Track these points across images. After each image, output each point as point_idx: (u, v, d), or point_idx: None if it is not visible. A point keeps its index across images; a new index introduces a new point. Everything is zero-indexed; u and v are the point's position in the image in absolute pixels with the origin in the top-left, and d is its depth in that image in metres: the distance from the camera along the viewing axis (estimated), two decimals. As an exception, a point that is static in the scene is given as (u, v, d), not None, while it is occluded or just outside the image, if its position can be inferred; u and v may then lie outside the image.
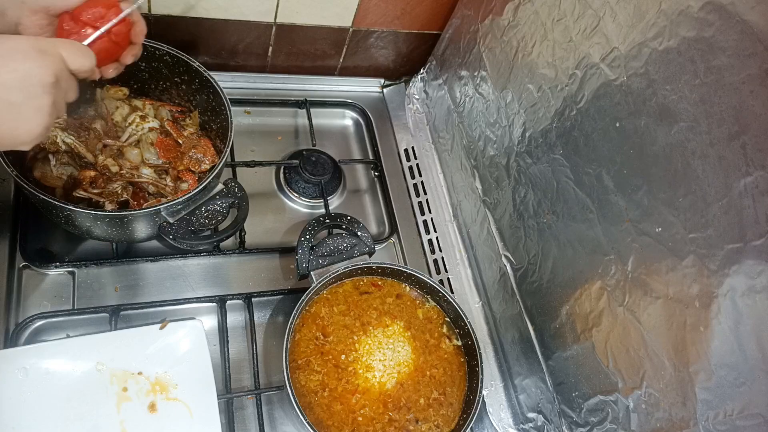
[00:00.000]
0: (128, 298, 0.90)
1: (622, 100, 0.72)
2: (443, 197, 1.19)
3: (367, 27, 1.17)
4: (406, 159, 1.22)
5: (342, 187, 1.14)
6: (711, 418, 0.62)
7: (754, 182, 0.56)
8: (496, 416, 0.98)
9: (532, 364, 0.94)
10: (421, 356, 0.92)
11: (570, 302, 0.84)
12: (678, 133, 0.64)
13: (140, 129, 0.90)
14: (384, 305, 0.95)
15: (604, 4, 0.74)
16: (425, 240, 1.13)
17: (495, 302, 1.04)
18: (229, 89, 0.97)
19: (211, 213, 0.87)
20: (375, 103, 1.27)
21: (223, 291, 0.95)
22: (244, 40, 1.13)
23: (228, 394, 0.86)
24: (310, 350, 0.88)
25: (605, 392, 0.78)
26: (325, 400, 0.85)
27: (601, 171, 0.76)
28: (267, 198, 1.09)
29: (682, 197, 0.64)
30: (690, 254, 0.64)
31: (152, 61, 0.91)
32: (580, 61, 0.79)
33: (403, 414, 0.87)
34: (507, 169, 0.98)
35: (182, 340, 0.84)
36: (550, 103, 0.86)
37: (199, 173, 0.92)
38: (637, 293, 0.72)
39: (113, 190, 0.85)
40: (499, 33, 0.98)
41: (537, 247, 0.91)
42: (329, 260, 0.94)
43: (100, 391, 0.79)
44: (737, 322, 0.59)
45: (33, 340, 0.83)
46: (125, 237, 0.88)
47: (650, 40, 0.67)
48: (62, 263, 0.89)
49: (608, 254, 0.76)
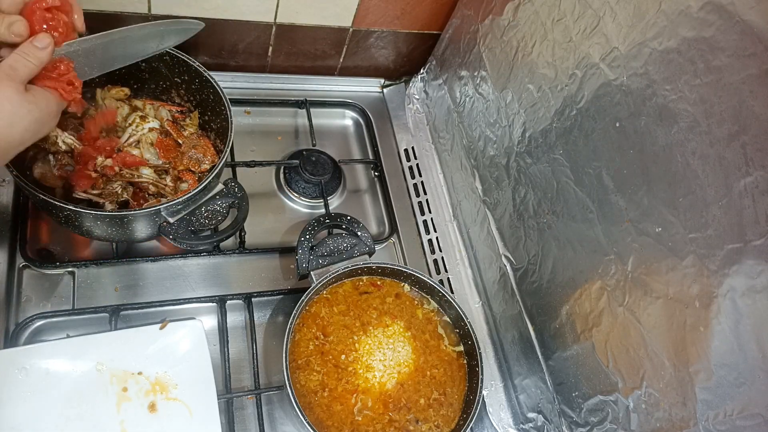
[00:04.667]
0: (128, 298, 0.90)
1: (622, 100, 0.72)
2: (443, 197, 1.19)
3: (367, 27, 1.17)
4: (406, 159, 1.22)
5: (342, 187, 1.15)
6: (711, 418, 0.62)
7: (754, 182, 0.56)
8: (496, 416, 0.98)
9: (532, 364, 0.94)
10: (422, 356, 0.92)
11: (570, 302, 0.84)
12: (678, 133, 0.64)
13: (140, 129, 0.90)
14: (384, 305, 0.95)
15: (604, 4, 0.74)
16: (425, 240, 1.13)
17: (495, 302, 1.04)
18: (229, 89, 0.97)
19: (211, 213, 0.87)
20: (375, 103, 1.27)
21: (223, 291, 0.95)
22: (244, 40, 1.13)
23: (228, 394, 0.86)
24: (310, 350, 0.88)
25: (605, 392, 0.78)
26: (325, 400, 0.85)
27: (601, 171, 0.76)
28: (267, 198, 1.09)
29: (682, 197, 0.64)
30: (690, 254, 0.64)
31: (152, 61, 0.91)
32: (580, 61, 0.79)
33: (404, 414, 0.87)
34: (507, 169, 0.98)
35: (182, 340, 0.84)
36: (550, 103, 0.86)
37: (199, 173, 0.92)
38: (637, 293, 0.72)
39: (113, 191, 0.85)
40: (499, 33, 0.98)
41: (537, 247, 0.91)
42: (329, 260, 0.94)
43: (100, 391, 0.79)
44: (737, 322, 0.59)
45: (33, 340, 0.83)
46: (125, 237, 0.88)
47: (650, 40, 0.67)
48: (62, 263, 0.89)
49: (608, 254, 0.76)
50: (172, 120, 0.96)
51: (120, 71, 0.90)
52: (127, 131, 0.90)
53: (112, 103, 0.91)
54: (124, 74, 0.92)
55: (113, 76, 0.88)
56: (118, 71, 0.81)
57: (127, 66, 0.79)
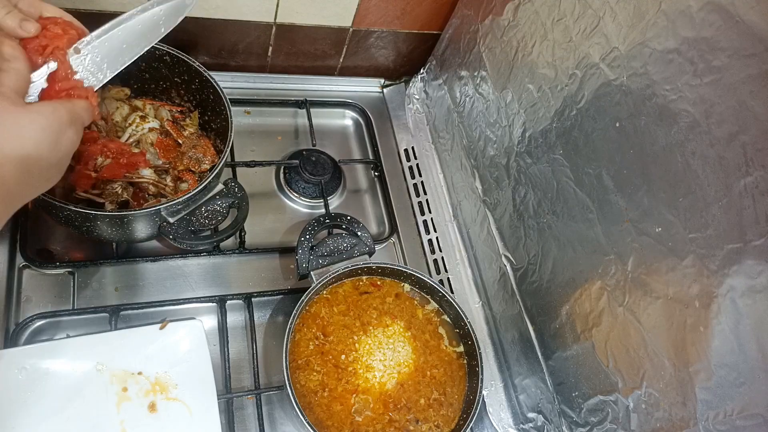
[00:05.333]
0: (128, 298, 0.90)
1: (622, 100, 0.72)
2: (443, 197, 1.19)
3: (367, 27, 1.17)
4: (406, 159, 1.22)
5: (342, 187, 1.15)
6: (711, 418, 0.62)
7: (754, 182, 0.56)
8: (496, 416, 0.98)
9: (532, 364, 0.94)
10: (422, 356, 0.92)
11: (570, 302, 0.84)
12: (678, 133, 0.64)
13: (140, 129, 0.90)
14: (384, 305, 0.95)
15: (604, 4, 0.74)
16: (425, 240, 1.13)
17: (495, 302, 1.04)
18: (229, 89, 0.97)
19: (211, 213, 0.87)
20: (375, 103, 1.27)
21: (223, 291, 0.95)
22: (244, 40, 1.13)
23: (228, 394, 0.86)
24: (310, 350, 0.88)
25: (605, 392, 0.78)
26: (325, 400, 0.85)
27: (601, 171, 0.76)
28: (267, 198, 1.09)
29: (682, 197, 0.64)
30: (690, 254, 0.64)
31: (152, 61, 0.91)
32: (580, 61, 0.79)
33: (404, 414, 0.87)
34: (507, 169, 0.98)
35: (182, 340, 0.84)
36: (550, 103, 0.86)
37: (199, 173, 0.92)
38: (637, 293, 0.72)
39: (113, 191, 0.85)
40: (499, 33, 0.98)
41: (537, 247, 0.91)
42: (329, 260, 0.94)
43: (100, 391, 0.79)
44: (737, 322, 0.59)
45: (33, 340, 0.83)
46: (125, 237, 0.88)
47: (650, 40, 0.67)
48: (62, 263, 0.89)
49: (608, 254, 0.76)
50: (172, 120, 0.96)
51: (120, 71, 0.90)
52: (127, 131, 0.90)
53: (112, 103, 0.91)
54: (124, 74, 0.92)
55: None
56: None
57: (133, 63, 0.78)
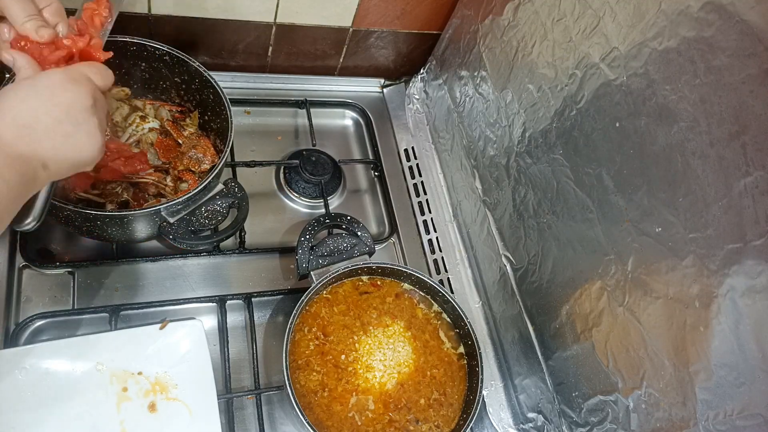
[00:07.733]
0: (128, 298, 0.90)
1: (622, 100, 0.72)
2: (443, 197, 1.19)
3: (367, 27, 1.17)
4: (406, 159, 1.22)
5: (342, 187, 1.14)
6: (711, 418, 0.62)
7: (754, 182, 0.56)
8: (496, 416, 0.98)
9: (532, 364, 0.94)
10: (422, 356, 0.92)
11: (570, 302, 0.84)
12: (678, 133, 0.64)
13: (140, 129, 0.90)
14: (384, 305, 0.95)
15: (604, 4, 0.74)
16: (425, 240, 1.13)
17: (495, 302, 1.04)
18: (229, 89, 0.97)
19: (211, 213, 0.87)
20: (375, 103, 1.27)
21: (223, 291, 0.95)
22: (244, 40, 1.13)
23: (228, 394, 0.86)
24: (310, 350, 0.88)
25: (605, 392, 0.78)
26: (325, 401, 0.85)
27: (601, 171, 0.76)
28: (267, 198, 1.09)
29: (682, 197, 0.64)
30: (690, 254, 0.64)
31: (152, 61, 0.91)
32: (580, 61, 0.79)
33: (404, 414, 0.87)
34: (507, 169, 0.98)
35: (182, 340, 0.84)
36: (550, 103, 0.86)
37: (199, 173, 0.92)
38: (637, 293, 0.72)
39: (113, 191, 0.85)
40: (499, 33, 0.98)
41: (537, 247, 0.91)
42: (329, 260, 0.94)
43: (100, 391, 0.79)
44: (737, 322, 0.59)
45: (33, 340, 0.83)
46: (125, 237, 0.88)
47: (650, 40, 0.67)
48: (62, 263, 0.89)
49: (608, 254, 0.76)
50: (172, 120, 0.96)
51: (120, 71, 0.90)
52: (127, 131, 0.90)
53: (113, 103, 0.91)
54: (125, 74, 0.92)
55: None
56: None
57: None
